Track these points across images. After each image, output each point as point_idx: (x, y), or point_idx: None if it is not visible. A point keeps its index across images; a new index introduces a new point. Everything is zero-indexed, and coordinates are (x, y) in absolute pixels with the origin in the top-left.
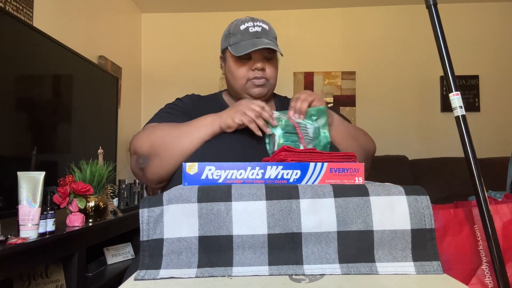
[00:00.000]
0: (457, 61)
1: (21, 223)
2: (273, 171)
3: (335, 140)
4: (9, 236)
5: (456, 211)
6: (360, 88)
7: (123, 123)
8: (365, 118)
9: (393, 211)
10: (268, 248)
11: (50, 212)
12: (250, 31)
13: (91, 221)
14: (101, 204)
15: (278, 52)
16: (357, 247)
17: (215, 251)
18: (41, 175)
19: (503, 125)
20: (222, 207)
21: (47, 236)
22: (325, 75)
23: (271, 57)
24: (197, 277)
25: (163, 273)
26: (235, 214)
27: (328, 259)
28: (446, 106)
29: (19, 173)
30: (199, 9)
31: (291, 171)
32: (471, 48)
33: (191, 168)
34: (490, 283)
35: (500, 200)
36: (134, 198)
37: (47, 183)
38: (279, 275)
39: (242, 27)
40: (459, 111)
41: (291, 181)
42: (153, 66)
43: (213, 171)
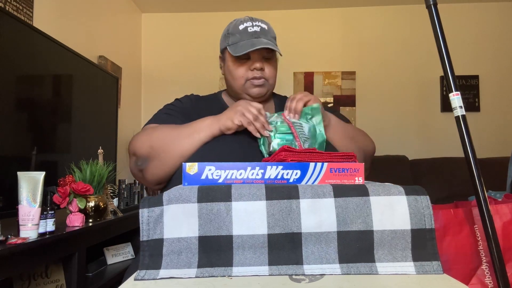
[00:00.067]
0: (457, 61)
1: (21, 223)
2: (273, 171)
3: (332, 141)
4: (9, 236)
5: (456, 211)
6: (360, 88)
7: (123, 123)
8: (365, 118)
9: (393, 211)
10: (268, 248)
11: (50, 212)
12: (249, 31)
13: (91, 221)
14: (101, 204)
15: (277, 52)
16: (357, 247)
17: (215, 251)
18: (41, 175)
19: (503, 125)
20: (222, 207)
21: (47, 236)
22: (325, 75)
23: (270, 57)
24: (197, 277)
25: (163, 273)
26: (235, 214)
27: (328, 259)
28: (446, 106)
29: (19, 173)
30: (199, 9)
31: (291, 171)
32: (471, 48)
33: (191, 168)
34: (490, 283)
35: (500, 200)
36: (134, 198)
37: (47, 183)
38: (279, 275)
39: (241, 27)
40: (459, 111)
41: (291, 181)
42: (153, 66)
43: (213, 171)
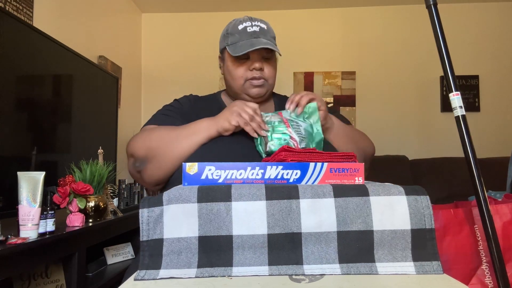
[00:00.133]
0: (457, 61)
1: (21, 223)
2: (273, 171)
3: (335, 144)
4: (9, 236)
5: (456, 211)
6: (360, 88)
7: (123, 123)
8: (365, 118)
9: (393, 211)
10: (268, 248)
11: (50, 212)
12: (248, 31)
13: (91, 221)
14: (101, 204)
15: (276, 52)
16: (357, 247)
17: (215, 251)
18: (41, 175)
19: (503, 125)
20: (222, 207)
21: (47, 236)
22: (325, 75)
23: (269, 57)
24: (197, 277)
25: (163, 273)
26: (235, 214)
27: (328, 259)
28: (446, 106)
29: (19, 173)
30: (199, 9)
31: (291, 171)
32: (471, 48)
33: (191, 168)
34: (490, 283)
35: (500, 200)
36: (134, 198)
37: (47, 183)
38: (279, 275)
39: (240, 27)
40: (459, 111)
41: (291, 181)
42: (153, 66)
43: (213, 171)
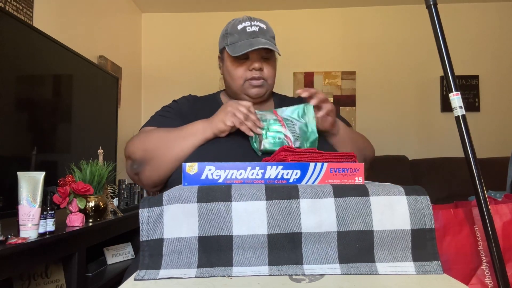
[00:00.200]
0: (457, 61)
1: (21, 223)
2: (273, 171)
3: (338, 149)
4: (9, 236)
5: (456, 211)
6: (360, 88)
7: (123, 123)
8: (365, 118)
9: (393, 211)
10: (268, 248)
11: (50, 212)
12: (247, 30)
13: (91, 221)
14: (101, 204)
15: (276, 51)
16: (357, 247)
17: (215, 251)
18: (41, 175)
19: (503, 125)
20: (222, 207)
21: (47, 236)
22: (325, 75)
23: (268, 56)
24: (197, 277)
25: (163, 273)
26: (235, 214)
27: (328, 259)
28: (446, 106)
29: (19, 173)
30: (199, 9)
31: (291, 171)
32: (471, 48)
33: (191, 168)
34: (490, 283)
35: (500, 200)
36: (134, 198)
37: (47, 183)
38: (279, 275)
39: (239, 27)
40: (459, 111)
41: (291, 181)
42: (153, 66)
43: (213, 171)
